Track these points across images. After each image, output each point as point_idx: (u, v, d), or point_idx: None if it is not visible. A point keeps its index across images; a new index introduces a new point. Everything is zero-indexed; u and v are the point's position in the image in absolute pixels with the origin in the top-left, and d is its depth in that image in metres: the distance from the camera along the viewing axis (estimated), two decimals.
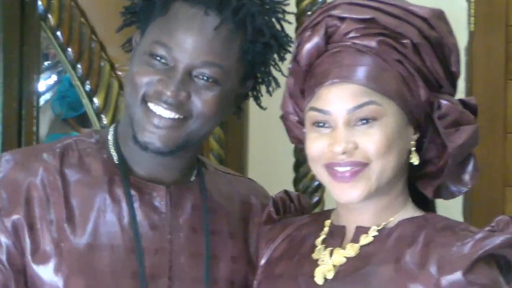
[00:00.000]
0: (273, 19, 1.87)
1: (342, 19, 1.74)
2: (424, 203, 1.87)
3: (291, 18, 1.95)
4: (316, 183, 2.75)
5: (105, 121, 2.56)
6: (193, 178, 1.93)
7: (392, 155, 1.71)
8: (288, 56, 1.93)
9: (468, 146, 1.77)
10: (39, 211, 1.78)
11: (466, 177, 1.83)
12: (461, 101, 1.81)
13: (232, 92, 1.85)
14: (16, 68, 2.47)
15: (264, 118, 2.03)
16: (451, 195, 1.88)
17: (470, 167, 1.82)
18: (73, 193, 1.81)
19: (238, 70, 1.83)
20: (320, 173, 1.76)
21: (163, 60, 1.76)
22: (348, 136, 1.69)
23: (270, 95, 1.93)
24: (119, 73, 2.59)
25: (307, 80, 1.80)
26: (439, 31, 1.76)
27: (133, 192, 1.84)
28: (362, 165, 1.70)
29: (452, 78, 1.80)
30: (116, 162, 1.87)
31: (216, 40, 1.76)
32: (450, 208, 1.96)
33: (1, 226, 1.76)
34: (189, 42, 1.75)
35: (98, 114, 2.58)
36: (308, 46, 1.77)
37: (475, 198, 3.24)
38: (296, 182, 2.82)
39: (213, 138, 2.71)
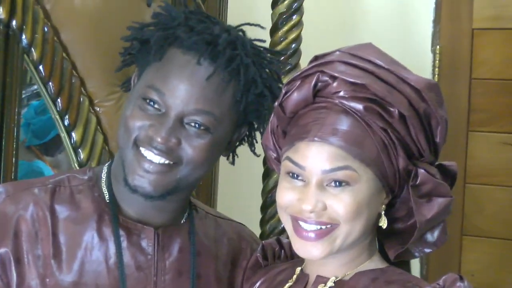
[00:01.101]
0: (267, 70, 1.92)
1: (334, 77, 1.72)
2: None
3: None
4: (282, 225, 2.81)
5: (82, 155, 2.55)
6: (183, 221, 1.97)
7: (360, 220, 1.72)
8: None
9: (436, 220, 1.78)
10: (26, 245, 1.81)
11: (432, 240, 1.84)
12: (441, 165, 1.81)
13: (224, 139, 1.88)
14: None
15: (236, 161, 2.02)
16: (412, 257, 1.87)
17: (437, 231, 1.83)
18: (61, 229, 1.85)
19: (231, 118, 1.87)
20: (285, 221, 1.79)
21: (156, 105, 1.80)
22: (318, 196, 1.70)
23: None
24: (97, 108, 2.60)
25: (290, 126, 1.79)
26: (430, 104, 1.73)
27: (121, 232, 1.87)
28: (331, 226, 1.72)
29: (436, 148, 1.79)
30: (107, 201, 1.90)
31: (208, 89, 1.80)
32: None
33: None
34: (182, 89, 1.79)
35: (75, 148, 2.57)
36: (295, 95, 1.77)
37: None
38: (263, 222, 2.83)
39: None
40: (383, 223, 1.78)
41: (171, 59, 1.82)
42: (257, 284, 1.98)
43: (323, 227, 1.72)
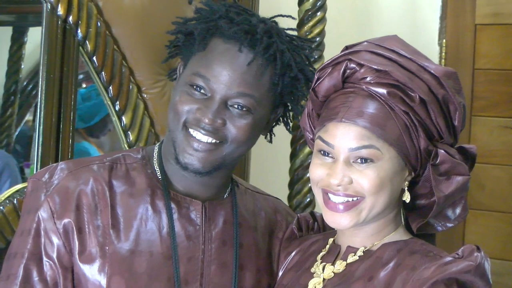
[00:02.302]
0: (301, 55, 1.92)
1: (360, 65, 1.74)
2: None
3: None
4: (308, 199, 2.82)
5: (131, 137, 2.58)
6: (226, 196, 1.99)
7: (383, 194, 1.73)
8: None
9: (454, 196, 1.79)
10: (87, 217, 1.82)
11: (453, 215, 1.85)
12: (461, 148, 1.82)
13: (263, 119, 1.89)
14: (56, 87, 2.51)
15: (264, 143, 2.05)
16: (435, 230, 1.88)
17: (459, 208, 1.84)
18: (119, 202, 1.86)
19: (269, 100, 1.87)
20: (317, 194, 1.81)
21: (202, 90, 1.81)
22: (345, 171, 1.72)
23: (298, 121, 1.97)
24: (145, 95, 2.62)
25: (322, 109, 1.82)
26: (448, 90, 1.74)
27: (172, 205, 1.89)
28: (356, 199, 1.74)
29: (455, 131, 1.80)
30: (159, 177, 1.91)
31: (248, 74, 1.80)
32: None
33: (53, 228, 1.81)
34: (225, 75, 1.79)
35: (125, 131, 2.60)
36: (327, 81, 1.79)
37: None
38: (290, 197, 2.85)
39: None
40: (407, 197, 1.79)
41: (213, 48, 1.83)
42: (292, 254, 2.00)
43: (350, 199, 1.75)
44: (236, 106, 1.81)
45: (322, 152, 1.77)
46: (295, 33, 2.00)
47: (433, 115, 1.74)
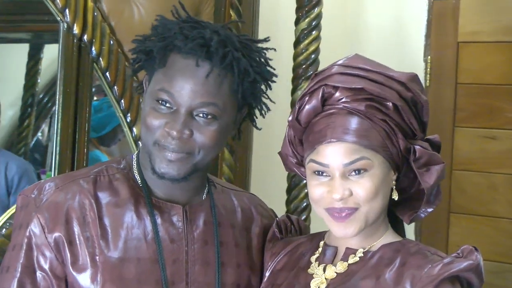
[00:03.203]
0: (257, 58, 1.89)
1: (336, 87, 1.78)
2: (394, 224, 1.91)
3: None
4: (304, 203, 2.85)
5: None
6: (204, 197, 1.97)
7: (378, 199, 1.77)
8: (273, 85, 1.91)
9: (438, 182, 1.82)
10: (77, 229, 1.81)
11: (432, 199, 1.86)
12: (428, 139, 1.86)
13: (229, 123, 1.87)
14: (72, 100, 2.53)
15: (264, 152, 2.06)
16: (419, 218, 1.91)
17: (435, 190, 1.85)
18: (105, 213, 1.85)
19: (232, 104, 1.85)
20: (320, 213, 1.82)
21: (167, 104, 1.79)
22: (343, 185, 1.75)
23: (263, 117, 1.96)
24: None
25: (306, 134, 1.84)
26: (414, 92, 1.80)
27: (155, 211, 1.88)
28: (354, 210, 1.76)
29: (423, 126, 1.85)
30: (140, 186, 1.90)
31: (208, 84, 1.78)
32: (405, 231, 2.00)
33: (45, 242, 1.79)
34: (187, 88, 1.77)
35: (136, 141, 2.61)
36: (307, 107, 1.81)
37: (425, 223, 3.43)
38: (288, 202, 2.88)
39: (224, 164, 2.75)
40: (395, 195, 1.83)
41: (173, 64, 1.81)
42: (280, 255, 2.01)
43: (350, 212, 1.77)
44: (201, 115, 1.80)
45: (316, 172, 1.80)
46: (289, 54, 1.99)
47: (406, 117, 1.80)
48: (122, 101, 2.60)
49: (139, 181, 1.91)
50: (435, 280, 1.68)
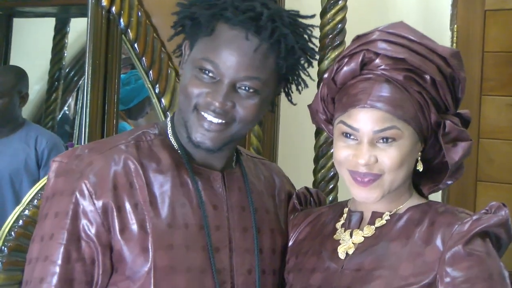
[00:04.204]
0: (303, 35, 1.87)
1: (377, 54, 1.78)
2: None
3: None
4: (332, 173, 2.84)
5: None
6: (234, 165, 1.98)
7: (403, 169, 1.78)
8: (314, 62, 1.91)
9: (463, 159, 1.85)
10: (125, 195, 1.79)
11: (454, 172, 1.87)
12: (458, 114, 1.87)
13: (269, 97, 1.88)
14: (101, 72, 2.54)
15: (291, 123, 2.05)
16: (439, 189, 1.95)
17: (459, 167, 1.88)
18: (151, 179, 1.83)
19: (274, 79, 1.85)
20: (343, 174, 1.84)
21: (210, 74, 1.78)
22: (370, 151, 1.76)
23: (299, 93, 1.94)
24: None
25: (340, 95, 1.85)
26: (454, 68, 1.81)
27: (196, 177, 1.87)
28: (378, 176, 1.78)
29: (457, 102, 1.87)
30: (178, 152, 1.89)
31: (255, 58, 1.77)
32: (431, 199, 1.99)
33: (92, 208, 1.76)
34: (232, 60, 1.76)
35: (164, 112, 2.62)
36: (345, 69, 1.82)
37: (452, 192, 3.43)
38: (315, 171, 2.87)
39: (253, 134, 2.76)
40: (420, 167, 1.84)
41: (220, 33, 1.79)
42: (302, 226, 2.04)
43: (373, 178, 1.79)
44: (243, 88, 1.80)
45: (345, 134, 1.81)
46: (316, 23, 1.95)
47: (442, 92, 1.80)
48: (151, 72, 2.60)
49: (176, 147, 1.90)
50: (465, 236, 1.70)
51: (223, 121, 1.81)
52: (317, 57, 1.92)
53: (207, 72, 1.79)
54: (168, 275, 1.78)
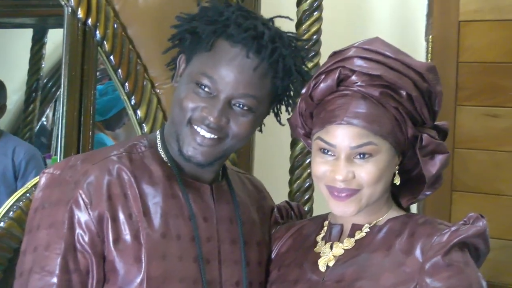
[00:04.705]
0: (299, 57, 1.90)
1: (353, 71, 1.80)
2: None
3: None
4: (308, 183, 2.85)
5: (146, 128, 2.60)
6: (220, 178, 2.00)
7: (380, 183, 1.81)
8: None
9: (440, 172, 1.87)
10: (119, 206, 1.80)
11: (432, 183, 1.89)
12: (436, 126, 1.89)
13: (262, 116, 1.91)
14: (77, 84, 2.53)
15: (267, 134, 2.05)
16: (417, 200, 1.97)
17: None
18: (144, 190, 1.84)
19: (268, 99, 1.88)
20: (321, 188, 1.86)
21: (207, 89, 1.80)
22: (348, 167, 1.77)
23: (289, 113, 1.97)
24: (158, 90, 2.64)
25: (317, 110, 1.86)
26: (430, 83, 1.82)
27: (186, 189, 1.89)
28: (355, 191, 1.79)
29: (434, 115, 1.88)
30: (168, 164, 1.90)
31: (253, 76, 1.80)
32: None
33: (87, 218, 1.77)
34: (231, 77, 1.78)
35: (140, 123, 2.62)
36: (322, 86, 1.83)
37: (428, 201, 3.45)
38: (291, 182, 2.88)
39: None
40: (397, 180, 1.86)
41: (220, 50, 1.81)
42: (284, 239, 2.06)
43: (351, 193, 1.81)
44: (238, 105, 1.82)
45: (322, 150, 1.82)
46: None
47: (418, 106, 1.82)
48: (127, 84, 2.59)
49: (166, 160, 1.92)
50: (444, 247, 1.73)
51: (216, 136, 1.83)
52: (311, 79, 1.91)
53: (203, 87, 1.81)
54: (161, 286, 1.80)
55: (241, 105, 1.82)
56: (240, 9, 1.88)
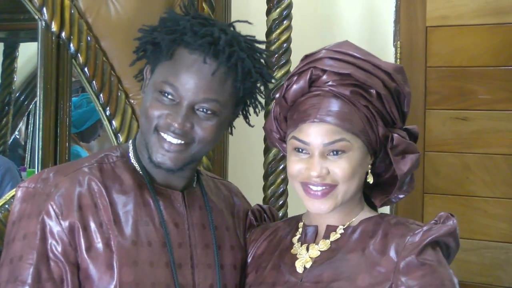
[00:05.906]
0: (260, 59, 1.95)
1: (324, 71, 1.86)
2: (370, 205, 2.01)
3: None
4: (281, 189, 2.90)
5: (121, 138, 2.65)
6: (195, 184, 2.06)
7: (354, 179, 1.86)
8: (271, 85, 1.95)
9: (411, 171, 1.93)
10: (90, 216, 1.85)
11: (405, 186, 1.97)
12: (406, 129, 1.95)
13: (227, 119, 1.95)
14: (53, 96, 2.57)
15: (241, 141, 2.11)
16: (391, 203, 2.05)
17: (408, 178, 1.97)
18: (115, 199, 1.90)
19: (232, 101, 1.92)
20: (296, 187, 1.91)
21: (170, 97, 1.85)
22: (321, 163, 1.83)
23: (257, 115, 2.01)
24: (132, 101, 2.69)
25: (291, 112, 1.92)
26: (398, 83, 1.89)
27: (157, 197, 1.95)
28: (331, 187, 1.85)
29: (404, 116, 1.95)
30: (140, 173, 1.96)
31: (213, 81, 1.85)
32: (380, 211, 2.05)
33: (59, 228, 1.82)
34: (191, 83, 1.83)
35: (115, 133, 2.67)
36: (295, 87, 1.89)
37: (400, 204, 3.47)
38: (265, 188, 2.93)
39: None
40: (370, 179, 1.92)
41: (179, 58, 1.86)
42: (260, 241, 2.10)
43: (326, 187, 1.86)
44: (202, 110, 1.87)
45: (297, 149, 1.88)
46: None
47: (388, 105, 1.88)
48: (101, 95, 2.65)
49: (138, 168, 1.97)
50: (418, 247, 1.79)
51: (182, 142, 1.87)
52: (273, 80, 1.98)
53: (167, 94, 1.86)
54: None
55: (204, 110, 1.87)
56: (197, 16, 1.94)
